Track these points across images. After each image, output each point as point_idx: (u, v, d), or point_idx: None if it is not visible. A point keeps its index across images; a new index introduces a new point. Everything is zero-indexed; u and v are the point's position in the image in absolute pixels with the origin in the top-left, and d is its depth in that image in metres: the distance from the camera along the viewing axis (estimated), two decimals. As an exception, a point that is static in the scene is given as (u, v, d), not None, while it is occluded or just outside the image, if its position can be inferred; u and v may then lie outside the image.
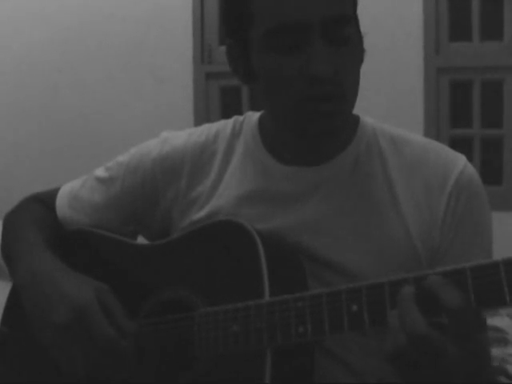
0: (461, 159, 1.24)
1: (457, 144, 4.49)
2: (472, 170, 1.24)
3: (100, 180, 1.38)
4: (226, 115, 1.40)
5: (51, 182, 1.83)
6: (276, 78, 1.14)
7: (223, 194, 1.28)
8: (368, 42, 1.18)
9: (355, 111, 1.23)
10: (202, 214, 1.28)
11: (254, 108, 1.34)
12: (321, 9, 1.10)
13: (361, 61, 1.19)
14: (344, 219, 1.21)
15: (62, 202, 1.41)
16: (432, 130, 4.45)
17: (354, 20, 1.16)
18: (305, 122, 1.15)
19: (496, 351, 2.72)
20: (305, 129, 1.16)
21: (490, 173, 4.46)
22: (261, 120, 1.31)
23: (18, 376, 1.35)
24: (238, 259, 1.16)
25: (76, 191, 1.40)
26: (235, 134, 1.32)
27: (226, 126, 1.34)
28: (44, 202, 1.43)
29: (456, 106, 4.53)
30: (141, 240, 1.36)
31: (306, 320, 1.06)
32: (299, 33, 1.11)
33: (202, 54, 4.93)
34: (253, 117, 1.32)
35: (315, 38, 1.11)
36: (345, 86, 1.14)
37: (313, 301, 1.06)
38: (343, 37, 1.13)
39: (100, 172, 1.40)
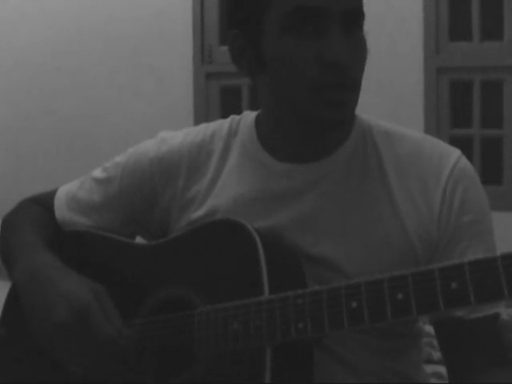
0: (455, 153, 1.23)
1: (457, 144, 4.48)
2: (466, 163, 1.23)
3: (98, 181, 1.38)
4: (225, 115, 1.39)
5: (51, 182, 1.83)
6: (290, 63, 1.14)
7: (221, 192, 1.27)
8: (368, 42, 1.19)
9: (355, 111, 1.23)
10: (199, 213, 1.28)
11: (253, 108, 1.34)
12: None
13: (366, 57, 1.19)
14: (341, 216, 1.21)
15: (59, 204, 1.41)
16: (432, 130, 4.45)
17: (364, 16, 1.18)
18: (317, 111, 1.15)
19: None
20: (316, 117, 1.16)
21: (490, 173, 4.46)
22: (257, 118, 1.30)
23: (17, 376, 1.35)
24: (237, 258, 1.16)
25: (74, 192, 1.40)
26: (232, 133, 1.31)
27: (222, 125, 1.34)
28: (42, 203, 1.43)
29: (456, 105, 4.53)
30: (139, 241, 1.36)
31: (306, 316, 1.06)
32: (318, 18, 1.12)
33: (202, 54, 4.93)
34: (249, 116, 1.32)
35: (334, 26, 1.12)
36: (356, 77, 1.16)
37: (312, 297, 1.07)
38: (356, 29, 1.15)
39: (97, 173, 1.39)
